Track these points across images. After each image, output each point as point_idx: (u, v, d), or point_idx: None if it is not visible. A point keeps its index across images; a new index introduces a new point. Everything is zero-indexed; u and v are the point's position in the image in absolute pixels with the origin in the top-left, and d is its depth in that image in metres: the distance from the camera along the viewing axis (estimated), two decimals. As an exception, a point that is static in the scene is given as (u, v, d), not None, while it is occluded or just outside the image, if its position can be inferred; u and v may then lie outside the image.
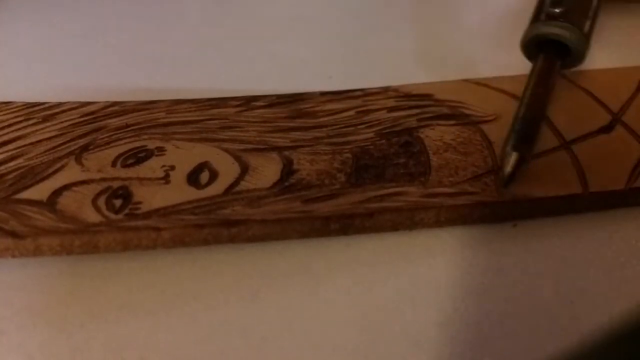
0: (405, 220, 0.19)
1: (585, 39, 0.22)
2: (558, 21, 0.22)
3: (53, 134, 0.22)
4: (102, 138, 0.21)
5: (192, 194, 0.19)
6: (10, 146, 0.21)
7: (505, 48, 0.25)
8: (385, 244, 0.19)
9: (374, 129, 0.22)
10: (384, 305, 0.18)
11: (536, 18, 0.23)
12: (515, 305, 0.18)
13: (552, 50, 0.22)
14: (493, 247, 0.19)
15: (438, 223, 0.19)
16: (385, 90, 0.24)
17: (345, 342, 0.17)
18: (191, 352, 0.17)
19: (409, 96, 0.24)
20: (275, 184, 0.20)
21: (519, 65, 0.23)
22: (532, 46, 0.22)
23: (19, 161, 0.20)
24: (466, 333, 0.17)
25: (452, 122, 0.22)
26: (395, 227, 0.19)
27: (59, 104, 0.23)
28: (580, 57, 0.22)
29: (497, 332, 0.17)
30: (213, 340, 0.17)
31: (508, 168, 0.19)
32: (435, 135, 0.22)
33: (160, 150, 0.21)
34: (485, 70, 0.25)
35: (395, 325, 0.17)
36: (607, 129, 0.22)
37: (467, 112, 0.23)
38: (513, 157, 0.19)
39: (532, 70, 0.22)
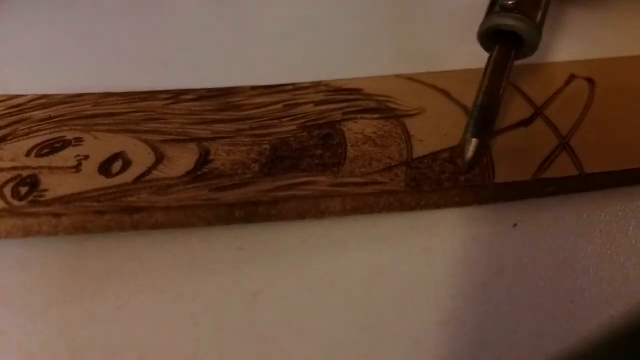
0: (311, 208, 0.19)
1: (537, 30, 0.23)
2: (512, 13, 0.22)
3: None
4: (23, 129, 0.22)
5: (101, 182, 0.19)
6: None
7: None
8: (383, 245, 0.19)
9: (298, 122, 0.22)
10: (384, 305, 0.18)
11: (491, 10, 0.23)
12: (515, 305, 0.18)
13: (507, 40, 0.23)
14: (493, 247, 0.19)
15: (345, 212, 0.19)
16: (316, 84, 0.24)
17: (345, 342, 0.17)
18: (191, 352, 0.17)
19: (339, 91, 0.24)
20: (187, 173, 0.20)
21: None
22: (488, 38, 0.23)
23: None
24: (466, 333, 0.17)
25: (376, 115, 0.23)
26: (301, 216, 0.19)
27: None
28: (533, 46, 0.23)
29: (497, 332, 0.17)
30: (213, 340, 0.17)
31: (469, 154, 0.20)
32: (357, 129, 0.22)
33: (78, 140, 0.21)
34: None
35: (395, 325, 0.17)
36: (527, 122, 0.22)
37: (393, 106, 0.23)
38: (473, 144, 0.20)
39: (489, 61, 0.22)
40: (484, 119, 0.20)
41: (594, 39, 0.27)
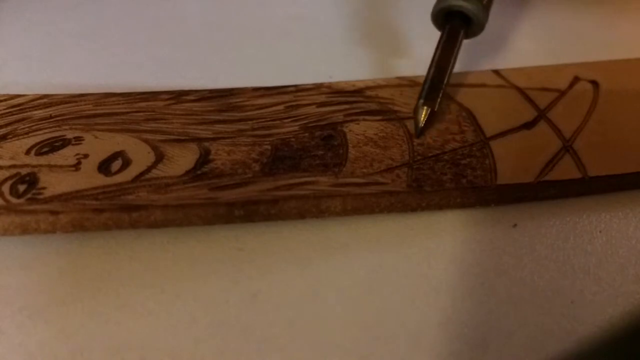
0: (311, 208, 0.19)
1: (484, 10, 0.24)
2: None
3: None
4: (23, 128, 0.21)
5: (100, 180, 0.19)
6: None
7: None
8: (384, 245, 0.19)
9: (300, 123, 0.22)
10: (384, 305, 0.18)
11: None
12: (515, 305, 0.18)
13: (457, 21, 0.24)
14: (493, 247, 0.19)
15: (345, 212, 0.19)
16: (318, 86, 0.24)
17: (345, 342, 0.17)
18: (191, 352, 0.17)
19: (341, 92, 0.24)
20: (187, 172, 0.20)
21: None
22: (441, 18, 0.24)
23: None
24: (466, 333, 0.17)
25: (378, 117, 0.22)
26: (302, 215, 0.19)
27: None
28: (480, 26, 0.24)
29: (497, 332, 0.17)
30: (213, 340, 0.17)
31: (420, 120, 0.22)
32: (359, 130, 0.22)
33: (78, 139, 0.21)
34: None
35: (395, 325, 0.17)
36: (529, 124, 0.22)
37: (395, 108, 0.23)
38: (424, 110, 0.22)
39: (440, 39, 0.24)
40: (433, 89, 0.22)
41: (598, 41, 0.27)
